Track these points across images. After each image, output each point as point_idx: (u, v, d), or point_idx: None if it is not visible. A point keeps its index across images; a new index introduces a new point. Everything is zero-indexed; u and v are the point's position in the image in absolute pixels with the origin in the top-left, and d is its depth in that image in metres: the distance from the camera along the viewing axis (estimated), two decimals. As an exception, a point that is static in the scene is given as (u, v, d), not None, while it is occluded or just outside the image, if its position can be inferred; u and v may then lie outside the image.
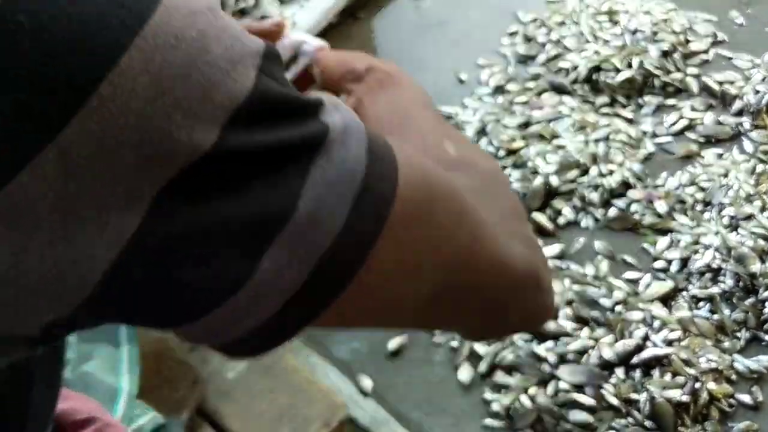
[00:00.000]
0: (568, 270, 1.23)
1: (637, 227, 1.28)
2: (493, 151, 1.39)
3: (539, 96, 1.50)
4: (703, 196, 1.30)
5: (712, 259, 1.20)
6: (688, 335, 1.13)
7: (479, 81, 1.59)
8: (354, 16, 1.77)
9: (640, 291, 1.20)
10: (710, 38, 1.61)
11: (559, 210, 1.31)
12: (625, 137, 1.40)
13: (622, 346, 1.10)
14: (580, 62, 1.53)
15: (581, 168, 1.34)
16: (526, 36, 1.65)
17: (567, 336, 1.14)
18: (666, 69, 1.53)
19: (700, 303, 1.17)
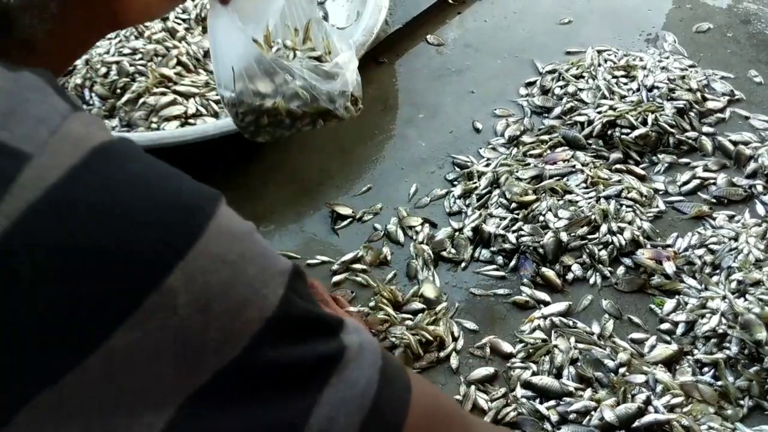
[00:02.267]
0: (574, 328, 1.24)
1: (645, 287, 1.29)
2: (505, 203, 1.41)
3: (553, 149, 1.52)
4: (712, 259, 1.31)
5: (718, 324, 1.21)
6: (690, 401, 1.13)
7: (495, 131, 1.61)
8: (376, 60, 1.80)
9: (645, 352, 1.20)
10: (727, 96, 1.62)
11: (568, 266, 1.32)
12: (637, 195, 1.41)
13: (624, 409, 1.11)
14: (595, 117, 1.55)
15: (592, 225, 1.35)
16: (543, 87, 1.68)
17: (569, 396, 1.15)
18: (681, 127, 1.54)
19: (705, 368, 1.18)
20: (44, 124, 0.33)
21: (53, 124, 0.33)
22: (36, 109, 0.34)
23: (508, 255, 1.35)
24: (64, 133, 0.33)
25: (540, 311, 1.27)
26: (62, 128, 0.34)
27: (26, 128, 0.33)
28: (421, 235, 1.41)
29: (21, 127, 0.33)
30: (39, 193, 0.32)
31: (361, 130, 1.66)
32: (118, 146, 0.35)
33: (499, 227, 1.38)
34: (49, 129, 0.33)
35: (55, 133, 0.33)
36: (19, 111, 0.33)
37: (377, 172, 1.57)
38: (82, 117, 0.35)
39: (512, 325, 1.27)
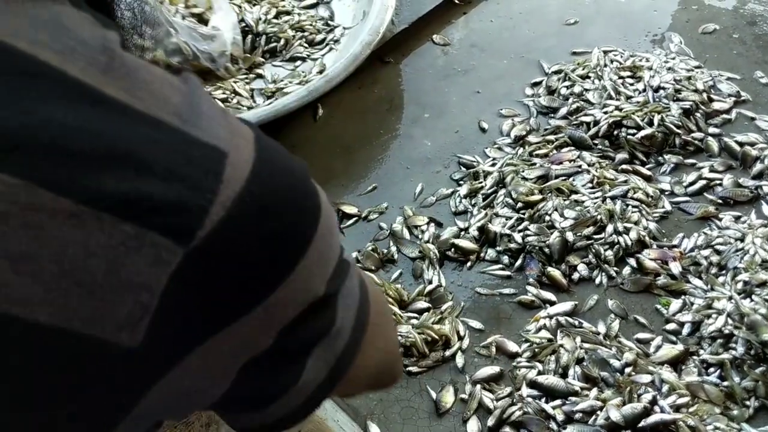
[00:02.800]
0: (580, 327, 1.24)
1: (651, 287, 1.29)
2: (511, 203, 1.41)
3: (559, 149, 1.52)
4: (719, 260, 1.30)
5: (724, 324, 1.21)
6: (696, 401, 1.13)
7: (501, 131, 1.61)
8: (382, 59, 1.80)
9: (651, 352, 1.20)
10: (733, 97, 1.62)
11: (574, 266, 1.32)
12: (643, 195, 1.41)
13: (630, 409, 1.11)
14: (601, 117, 1.55)
15: (598, 225, 1.35)
16: (549, 88, 1.68)
17: (575, 395, 1.15)
18: (687, 128, 1.54)
19: (710, 369, 1.18)
20: (216, 120, 0.40)
21: (224, 120, 0.41)
22: (207, 107, 0.40)
23: (513, 254, 1.35)
24: (235, 128, 0.41)
25: (546, 311, 1.27)
26: (232, 123, 0.41)
27: (208, 124, 0.40)
28: (427, 234, 1.41)
29: (203, 122, 0.39)
30: (240, 185, 0.39)
31: (367, 130, 1.66)
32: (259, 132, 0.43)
33: (505, 227, 1.38)
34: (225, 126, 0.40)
35: (230, 130, 0.40)
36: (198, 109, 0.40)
37: (383, 171, 1.57)
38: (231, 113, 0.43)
39: (518, 324, 1.27)
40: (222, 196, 0.38)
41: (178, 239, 0.37)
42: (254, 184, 0.39)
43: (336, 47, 1.80)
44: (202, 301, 0.39)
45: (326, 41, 1.81)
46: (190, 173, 0.38)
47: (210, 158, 0.38)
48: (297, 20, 1.83)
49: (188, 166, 0.38)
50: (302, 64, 1.77)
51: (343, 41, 1.81)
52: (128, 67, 0.39)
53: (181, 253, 0.37)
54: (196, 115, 0.39)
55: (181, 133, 0.38)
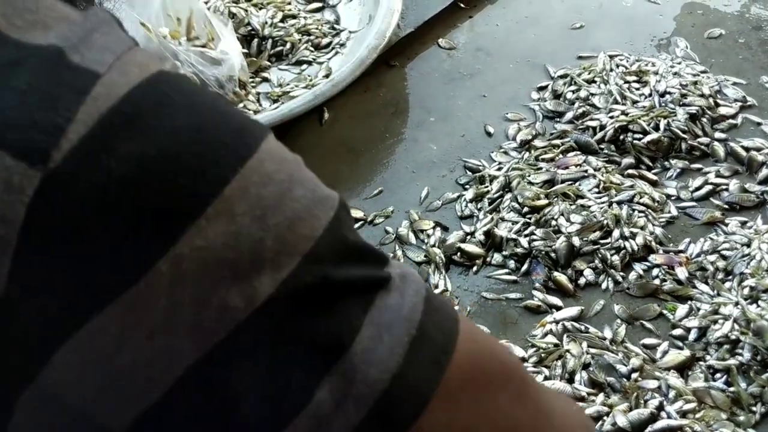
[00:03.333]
0: (586, 333, 1.24)
1: (657, 293, 1.29)
2: (517, 207, 1.41)
3: (565, 154, 1.52)
4: (725, 265, 1.30)
5: (730, 330, 1.21)
6: (703, 407, 1.13)
7: (507, 135, 1.61)
8: (388, 63, 1.81)
9: (657, 358, 1.20)
10: (739, 102, 1.62)
11: (580, 270, 1.32)
12: (649, 200, 1.41)
13: (636, 414, 1.11)
14: (607, 122, 1.55)
15: (604, 229, 1.35)
16: (555, 92, 1.68)
17: (582, 401, 1.15)
18: (693, 132, 1.54)
19: (717, 374, 1.18)
20: (111, 51, 0.36)
21: (119, 51, 0.36)
22: (103, 39, 0.36)
23: (520, 259, 1.35)
24: (128, 59, 0.36)
25: (552, 316, 1.27)
26: (127, 55, 0.37)
27: (95, 53, 0.36)
28: (433, 239, 1.41)
29: (91, 51, 0.36)
30: (110, 104, 0.34)
31: (372, 133, 1.67)
32: (176, 74, 0.38)
33: (511, 231, 1.38)
34: (115, 55, 0.36)
35: (120, 59, 0.36)
36: (89, 39, 0.36)
37: (388, 175, 1.58)
38: (143, 51, 0.38)
39: (524, 329, 1.27)
40: (82, 113, 0.34)
41: (31, 160, 0.33)
42: (130, 106, 0.35)
43: (342, 51, 1.80)
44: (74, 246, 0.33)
45: (332, 45, 1.82)
46: (49, 91, 0.34)
47: (78, 79, 0.35)
48: (303, 24, 1.84)
49: (50, 86, 0.34)
50: (308, 67, 1.77)
51: (349, 45, 1.81)
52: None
53: (38, 177, 0.33)
54: (80, 41, 0.36)
55: (55, 51, 0.35)
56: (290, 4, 1.88)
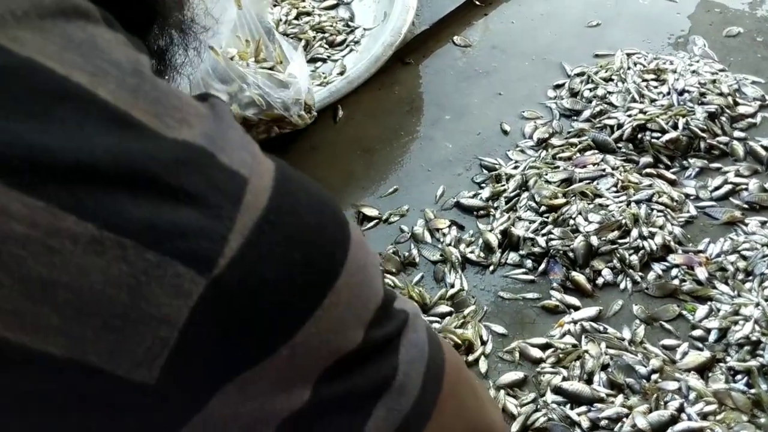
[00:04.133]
0: (605, 333, 1.23)
1: (677, 293, 1.28)
2: (534, 206, 1.40)
3: (583, 152, 1.51)
4: (745, 266, 1.29)
5: (751, 331, 1.19)
6: (723, 409, 1.12)
7: (523, 133, 1.60)
8: (403, 60, 1.79)
9: (677, 359, 1.19)
10: (758, 101, 1.60)
11: (598, 270, 1.31)
12: (668, 200, 1.40)
13: (656, 416, 1.10)
14: (625, 120, 1.53)
15: (622, 229, 1.34)
16: (572, 90, 1.66)
17: (601, 402, 1.13)
18: (712, 131, 1.52)
19: (738, 376, 1.16)
20: (246, 149, 0.39)
21: (251, 149, 0.39)
22: (236, 134, 0.39)
23: (537, 258, 1.34)
24: (258, 156, 0.39)
25: (570, 316, 1.25)
26: (255, 152, 0.40)
27: (237, 153, 0.38)
28: (449, 238, 1.40)
29: (234, 151, 0.38)
30: (258, 213, 0.37)
31: (387, 131, 1.65)
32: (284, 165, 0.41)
33: (529, 230, 1.36)
34: (250, 154, 0.39)
35: (254, 158, 0.39)
36: (228, 136, 0.39)
37: (403, 173, 1.56)
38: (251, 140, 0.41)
39: (542, 329, 1.25)
40: (240, 223, 0.36)
41: (200, 268, 0.35)
42: (273, 212, 0.38)
43: (356, 48, 1.80)
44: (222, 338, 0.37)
45: (347, 42, 1.81)
46: (211, 198, 0.36)
47: (232, 184, 0.37)
48: (317, 21, 1.83)
49: (211, 191, 0.36)
50: (323, 65, 1.76)
51: (364, 42, 1.80)
52: (158, 91, 0.38)
53: (203, 283, 0.35)
54: (222, 140, 0.38)
55: (208, 155, 0.37)
56: (305, 1, 1.88)
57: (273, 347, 0.38)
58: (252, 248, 0.36)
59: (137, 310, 0.34)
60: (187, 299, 0.35)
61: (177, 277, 0.35)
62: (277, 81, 1.14)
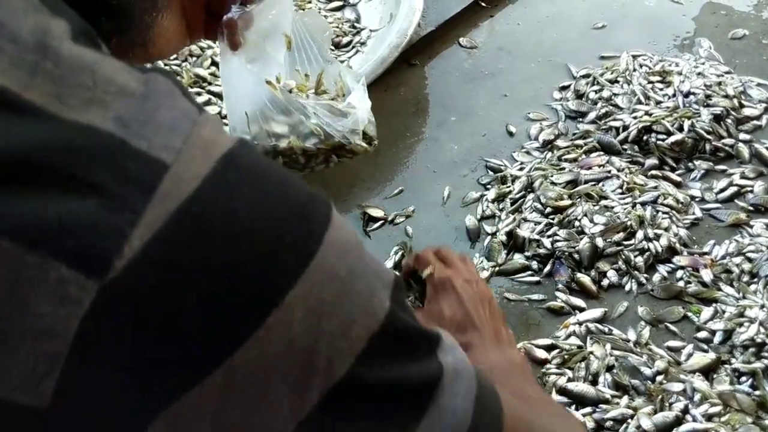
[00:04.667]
0: (610, 334, 1.23)
1: (682, 295, 1.28)
2: (540, 207, 1.40)
3: (588, 154, 1.51)
4: (750, 268, 1.29)
5: (756, 333, 1.19)
6: (728, 410, 1.12)
7: (529, 135, 1.60)
8: (408, 62, 1.80)
9: (682, 361, 1.19)
10: (764, 103, 1.61)
11: (603, 272, 1.31)
12: (673, 201, 1.40)
13: (661, 417, 1.10)
14: (630, 122, 1.54)
15: (628, 231, 1.34)
16: (578, 92, 1.67)
17: (606, 403, 1.14)
18: (717, 133, 1.53)
19: (742, 377, 1.16)
20: (178, 131, 0.33)
21: (185, 130, 0.34)
22: (169, 115, 0.34)
23: (542, 260, 1.34)
24: (195, 140, 0.33)
25: (575, 317, 1.26)
26: (193, 135, 0.34)
27: (162, 136, 0.33)
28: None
29: (157, 135, 0.33)
30: (177, 204, 0.32)
31: (392, 133, 1.66)
32: (241, 152, 0.34)
33: (534, 232, 1.37)
34: (182, 136, 0.33)
35: (187, 141, 0.33)
36: (155, 118, 0.33)
37: (409, 174, 1.57)
38: (208, 121, 0.35)
39: (547, 330, 1.26)
40: (150, 215, 0.31)
41: (89, 271, 0.30)
42: (198, 203, 0.32)
43: (362, 50, 1.80)
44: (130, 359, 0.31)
45: (353, 44, 1.81)
46: (114, 189, 0.31)
47: (145, 171, 0.32)
48: (324, 22, 1.83)
49: (114, 180, 0.31)
50: (329, 66, 1.76)
51: (370, 44, 1.81)
52: (64, 68, 0.33)
53: (94, 288, 0.30)
54: (143, 123, 0.33)
55: (117, 140, 0.32)
56: (311, 3, 1.88)
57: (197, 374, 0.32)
58: (163, 246, 0.31)
59: (14, 321, 0.29)
60: (76, 308, 0.30)
61: (61, 282, 0.30)
62: (336, 111, 1.16)
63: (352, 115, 1.16)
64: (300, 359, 0.34)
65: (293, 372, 0.34)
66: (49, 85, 0.32)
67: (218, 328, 0.32)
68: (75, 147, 0.31)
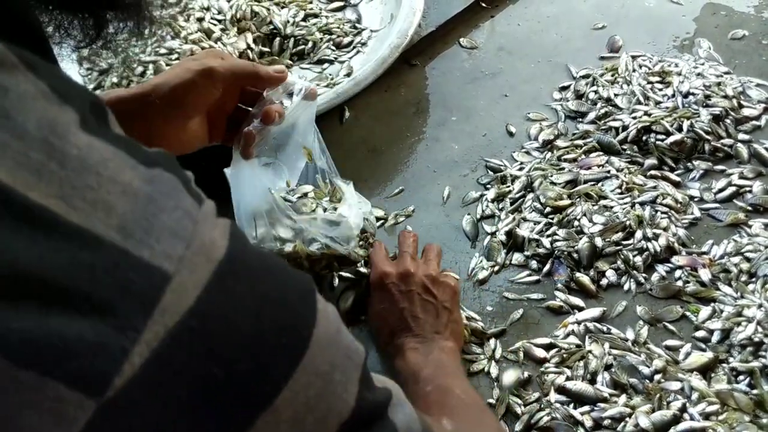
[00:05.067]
0: (608, 334, 1.24)
1: (680, 294, 1.29)
2: (539, 207, 1.41)
3: (588, 154, 1.52)
4: (749, 267, 1.30)
5: (754, 332, 1.20)
6: (726, 409, 1.13)
7: (529, 135, 1.61)
8: (409, 62, 1.81)
9: (680, 360, 1.20)
10: (763, 104, 1.61)
11: (602, 271, 1.32)
12: (672, 201, 1.41)
13: (659, 416, 1.11)
14: (630, 122, 1.54)
15: (627, 230, 1.35)
16: (578, 92, 1.67)
17: (604, 402, 1.14)
18: (716, 134, 1.53)
19: (740, 376, 1.17)
20: (179, 236, 0.33)
21: (187, 234, 0.33)
22: (172, 219, 0.33)
23: (542, 259, 1.35)
24: (197, 246, 0.33)
25: (574, 316, 1.27)
26: (195, 240, 0.34)
27: (164, 244, 0.32)
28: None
29: (160, 242, 0.32)
30: (177, 319, 0.31)
31: (393, 132, 1.67)
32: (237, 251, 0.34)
33: (533, 231, 1.38)
34: (184, 242, 0.33)
35: (190, 247, 0.33)
36: (157, 222, 0.33)
37: (409, 174, 1.58)
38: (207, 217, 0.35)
39: (546, 329, 1.27)
40: (150, 333, 0.30)
41: (89, 391, 0.29)
42: (197, 317, 0.31)
43: (363, 50, 1.81)
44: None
45: (354, 44, 1.82)
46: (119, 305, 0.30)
47: (147, 284, 0.31)
48: (325, 23, 1.84)
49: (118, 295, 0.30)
50: (329, 66, 1.78)
51: (371, 44, 1.82)
52: (70, 167, 0.32)
53: (92, 407, 0.29)
54: (146, 228, 0.32)
55: (119, 252, 0.31)
56: (312, 3, 1.89)
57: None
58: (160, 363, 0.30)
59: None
60: (71, 427, 0.29)
61: (59, 402, 0.29)
62: (329, 222, 1.22)
63: (343, 224, 1.22)
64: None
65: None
66: (55, 186, 0.31)
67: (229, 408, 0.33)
68: (78, 262, 0.30)
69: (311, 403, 0.35)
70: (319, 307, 0.37)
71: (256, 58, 1.74)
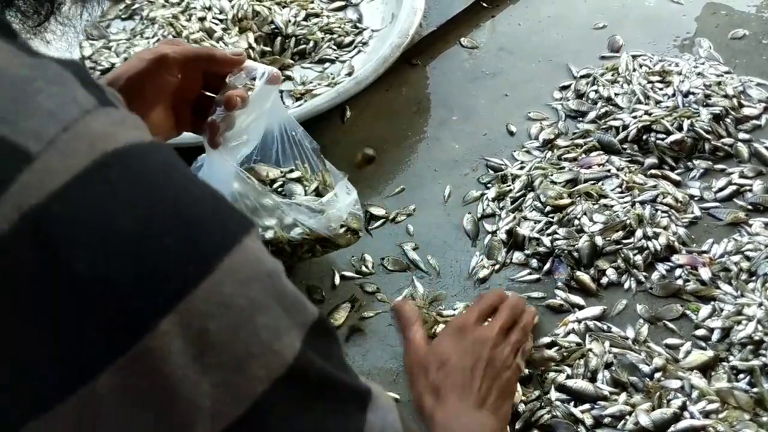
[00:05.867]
0: (608, 332, 1.24)
1: (680, 293, 1.29)
2: (540, 206, 1.41)
3: (588, 153, 1.52)
4: (749, 266, 1.30)
5: (754, 330, 1.20)
6: (726, 408, 1.13)
7: (529, 134, 1.61)
8: (410, 62, 1.81)
9: (680, 358, 1.20)
10: (764, 103, 1.61)
11: (603, 270, 1.32)
12: (672, 200, 1.41)
13: (659, 414, 1.11)
14: (630, 121, 1.54)
15: (627, 229, 1.35)
16: (578, 91, 1.68)
17: (604, 400, 1.15)
18: (717, 133, 1.53)
19: (740, 375, 1.17)
20: (56, 118, 0.29)
21: (68, 119, 0.29)
22: (50, 101, 0.29)
23: (542, 258, 1.35)
24: (80, 130, 0.29)
25: (574, 315, 1.27)
26: (79, 125, 0.29)
27: (33, 123, 0.28)
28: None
29: (27, 121, 0.28)
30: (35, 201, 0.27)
31: (394, 132, 1.67)
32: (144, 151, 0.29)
33: (534, 230, 1.38)
34: (61, 125, 0.28)
35: (67, 130, 0.28)
36: (29, 102, 0.29)
37: (410, 173, 1.58)
38: (111, 114, 0.30)
39: (546, 328, 1.27)
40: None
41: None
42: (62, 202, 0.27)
43: (364, 49, 1.81)
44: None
45: (355, 43, 1.82)
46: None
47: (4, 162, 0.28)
48: (326, 22, 1.85)
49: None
50: (331, 66, 1.78)
51: (372, 44, 1.82)
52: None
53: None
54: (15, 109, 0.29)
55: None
56: (313, 3, 1.90)
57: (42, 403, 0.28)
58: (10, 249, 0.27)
59: None
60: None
61: None
62: (311, 208, 1.22)
63: (326, 213, 1.23)
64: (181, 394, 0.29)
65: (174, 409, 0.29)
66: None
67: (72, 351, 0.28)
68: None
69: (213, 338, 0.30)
70: (249, 241, 0.32)
71: (257, 57, 1.75)
